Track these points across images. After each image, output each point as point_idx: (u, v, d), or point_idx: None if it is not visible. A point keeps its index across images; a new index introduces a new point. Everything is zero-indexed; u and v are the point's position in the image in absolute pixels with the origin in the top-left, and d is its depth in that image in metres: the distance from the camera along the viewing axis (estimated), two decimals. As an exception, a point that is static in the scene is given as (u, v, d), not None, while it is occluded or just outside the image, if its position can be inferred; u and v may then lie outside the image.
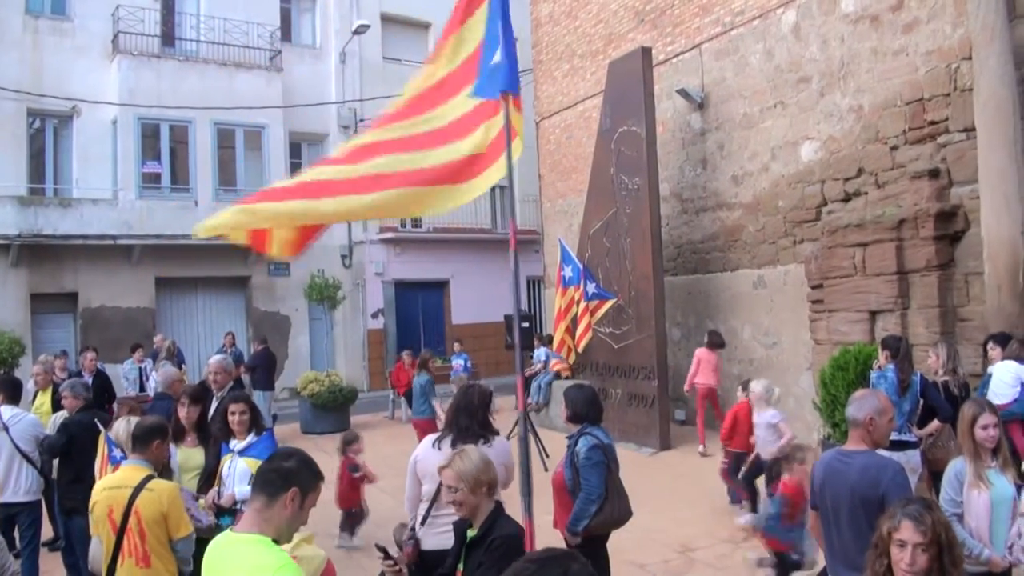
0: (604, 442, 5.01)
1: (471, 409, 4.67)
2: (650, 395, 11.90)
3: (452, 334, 22.38)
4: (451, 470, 3.57)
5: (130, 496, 4.15)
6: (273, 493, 2.81)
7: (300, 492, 2.84)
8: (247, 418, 5.23)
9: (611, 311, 12.41)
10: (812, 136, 11.09)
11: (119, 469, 4.43)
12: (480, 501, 3.57)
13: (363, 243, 22.13)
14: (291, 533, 2.87)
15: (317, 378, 15.09)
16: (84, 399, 6.61)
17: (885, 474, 3.63)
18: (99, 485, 4.32)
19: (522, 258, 24.09)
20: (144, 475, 4.27)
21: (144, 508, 4.14)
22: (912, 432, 6.54)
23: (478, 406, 4.68)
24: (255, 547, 2.71)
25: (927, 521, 2.90)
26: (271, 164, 19.86)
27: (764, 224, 12.00)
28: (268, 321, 20.50)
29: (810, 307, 10.54)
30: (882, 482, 3.61)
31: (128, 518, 4.12)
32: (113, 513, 4.15)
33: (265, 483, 2.84)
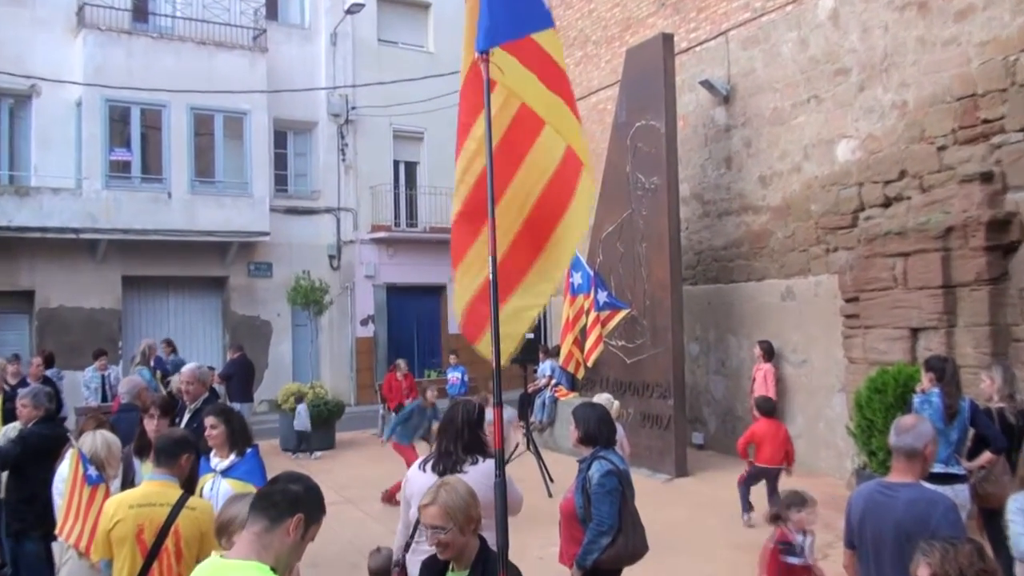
0: (620, 468, 4.96)
1: (454, 430, 4.63)
2: (665, 415, 11.83)
3: (449, 344, 22.31)
4: (436, 507, 3.48)
5: (169, 514, 4.22)
6: (277, 517, 2.78)
7: (305, 520, 2.82)
8: (221, 432, 5.15)
9: (624, 322, 12.35)
10: (849, 134, 11.04)
11: (144, 485, 4.46)
12: (468, 540, 3.51)
13: (353, 243, 22.11)
14: (290, 565, 2.83)
15: (300, 390, 15.02)
16: (45, 410, 6.53)
17: (935, 510, 3.57)
18: (120, 502, 4.32)
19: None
20: (179, 492, 4.35)
21: (185, 528, 4.20)
22: (960, 464, 6.44)
23: (462, 426, 4.63)
24: (252, 575, 2.66)
25: (935, 556, 2.91)
26: (253, 154, 19.84)
27: (794, 230, 11.94)
28: (246, 327, 20.46)
29: (844, 322, 10.47)
30: (932, 519, 3.54)
31: (165, 538, 4.18)
32: (144, 533, 4.18)
33: (269, 505, 2.82)
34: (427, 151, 23.25)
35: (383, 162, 22.57)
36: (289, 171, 21.95)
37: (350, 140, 22.16)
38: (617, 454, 5.09)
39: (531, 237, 4.29)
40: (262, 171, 19.99)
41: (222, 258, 20.14)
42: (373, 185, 22.19)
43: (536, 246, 4.30)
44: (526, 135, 4.34)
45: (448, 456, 4.56)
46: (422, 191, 22.98)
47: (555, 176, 4.33)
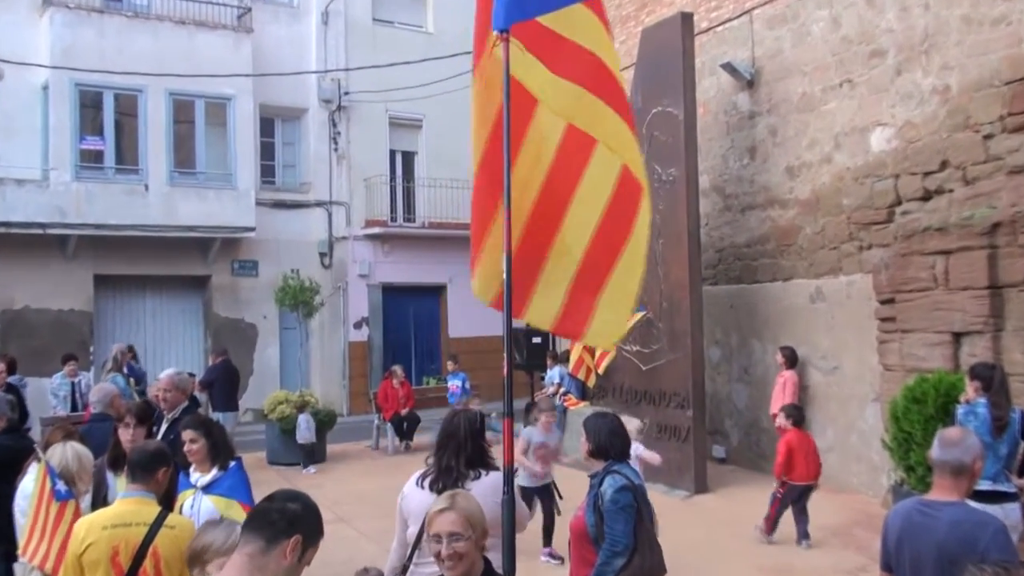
0: (635, 483, 4.95)
1: (457, 443, 4.59)
2: (684, 427, 11.80)
3: (449, 349, 22.29)
4: (454, 512, 3.40)
5: (147, 534, 4.19)
6: (272, 538, 2.79)
7: (303, 542, 2.83)
8: (202, 446, 5.13)
9: (639, 326, 12.31)
10: (885, 121, 10.99)
11: (118, 503, 4.44)
12: (477, 558, 3.45)
13: (346, 239, 22.10)
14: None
15: (288, 398, 15.01)
16: (8, 420, 6.50)
17: (984, 532, 3.52)
18: (91, 523, 4.29)
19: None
20: (156, 510, 4.33)
21: (165, 548, 4.18)
22: (1010, 481, 6.38)
23: (465, 438, 4.60)
24: None
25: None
26: (237, 143, 19.84)
27: (824, 226, 11.90)
28: (230, 330, 20.46)
29: (879, 326, 10.43)
30: (980, 542, 3.50)
31: (143, 560, 4.16)
32: (119, 555, 4.15)
33: (265, 524, 2.82)
34: (426, 140, 23.23)
35: (378, 152, 22.55)
36: (276, 162, 21.94)
37: (342, 128, 22.15)
38: (632, 468, 5.08)
39: (591, 273, 4.49)
40: (247, 161, 19.98)
41: (204, 255, 20.14)
42: (367, 177, 22.18)
43: (594, 285, 4.49)
44: (570, 151, 4.50)
45: (449, 473, 4.51)
46: (420, 183, 22.97)
47: (612, 203, 4.49)
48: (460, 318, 23.30)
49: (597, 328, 4.53)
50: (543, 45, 4.42)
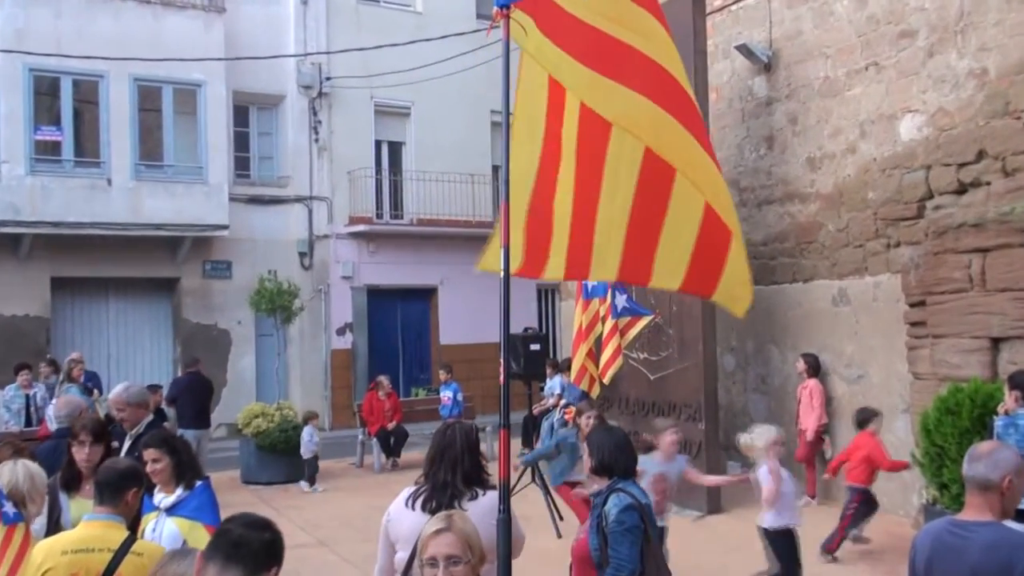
0: (641, 502, 4.95)
1: (453, 457, 4.57)
2: (696, 441, 11.79)
3: (440, 357, 22.28)
4: (452, 534, 3.37)
5: (111, 562, 4.16)
6: (256, 570, 2.82)
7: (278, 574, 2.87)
8: (164, 467, 5.11)
9: (647, 332, 12.29)
10: (916, 108, 10.99)
11: (83, 526, 4.41)
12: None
13: (327, 238, 22.08)
14: None
15: (264, 412, 14.99)
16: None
17: (1022, 556, 3.50)
18: (50, 548, 4.28)
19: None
20: (123, 535, 4.31)
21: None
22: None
23: (462, 452, 4.59)
24: None
25: None
26: (209, 133, 19.82)
27: (848, 222, 11.90)
28: (201, 337, 20.43)
29: (908, 331, 10.42)
30: (1017, 567, 3.48)
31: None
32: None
33: (248, 555, 2.83)
34: (415, 129, 23.23)
35: (363, 142, 22.54)
36: (252, 153, 21.93)
37: (324, 117, 22.14)
38: (638, 486, 5.08)
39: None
40: (219, 153, 19.96)
41: (172, 256, 20.11)
42: (351, 170, 22.17)
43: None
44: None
45: (445, 489, 4.48)
46: (409, 176, 22.96)
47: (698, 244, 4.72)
48: (452, 324, 23.29)
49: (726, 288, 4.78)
50: (571, 36, 4.48)
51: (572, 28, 4.49)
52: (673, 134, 4.57)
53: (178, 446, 5.24)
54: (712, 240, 4.64)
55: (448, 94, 22.78)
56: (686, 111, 4.64)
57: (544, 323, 24.63)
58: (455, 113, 23.34)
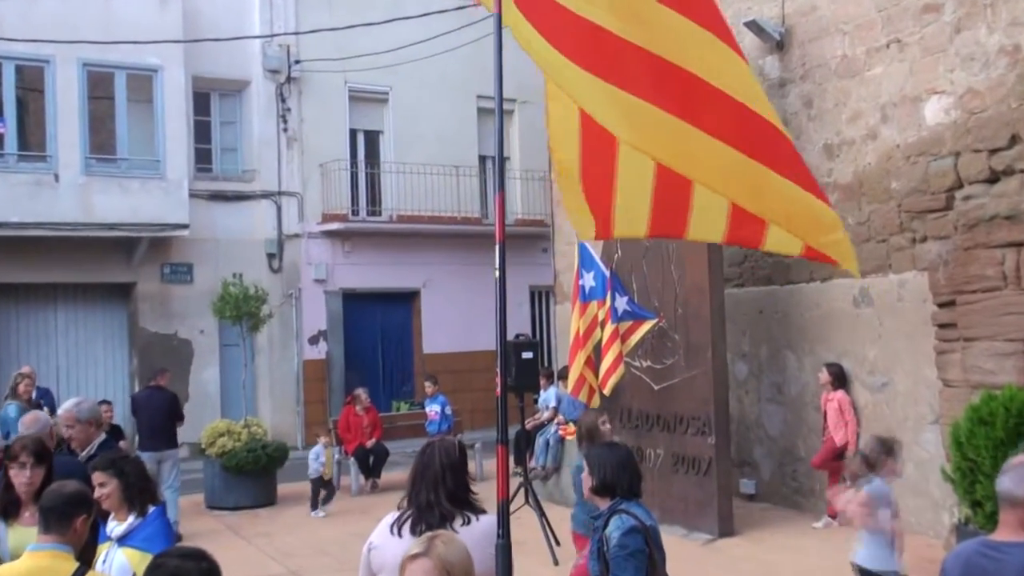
0: (646, 524, 4.97)
1: (432, 476, 4.57)
2: (705, 457, 11.78)
3: (423, 367, 22.27)
4: (429, 560, 3.35)
5: None
6: None
7: None
8: (112, 491, 5.10)
9: (650, 337, 12.30)
10: (942, 89, 11.00)
11: (27, 557, 4.41)
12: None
13: (298, 237, 22.08)
14: None
15: (231, 429, 14.97)
16: None
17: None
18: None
19: (524, 259, 24.21)
20: (73, 567, 4.31)
21: None
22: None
23: (442, 470, 4.59)
24: None
25: None
26: (167, 123, 19.80)
27: (870, 215, 11.91)
28: (160, 347, 20.40)
29: (937, 333, 10.42)
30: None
31: None
32: None
33: None
34: (393, 117, 23.24)
35: (336, 132, 22.55)
36: (214, 145, 21.91)
37: (293, 104, 22.14)
38: (643, 507, 5.09)
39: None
40: (178, 145, 19.94)
41: (127, 259, 20.07)
42: (324, 162, 22.17)
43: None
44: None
45: (431, 510, 4.49)
46: (387, 169, 22.97)
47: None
48: (436, 331, 23.30)
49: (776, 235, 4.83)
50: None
51: (559, 18, 4.54)
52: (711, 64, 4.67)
53: (127, 469, 5.21)
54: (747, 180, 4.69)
55: (430, 78, 22.80)
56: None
57: (538, 328, 24.65)
58: (438, 99, 23.36)
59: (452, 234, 23.13)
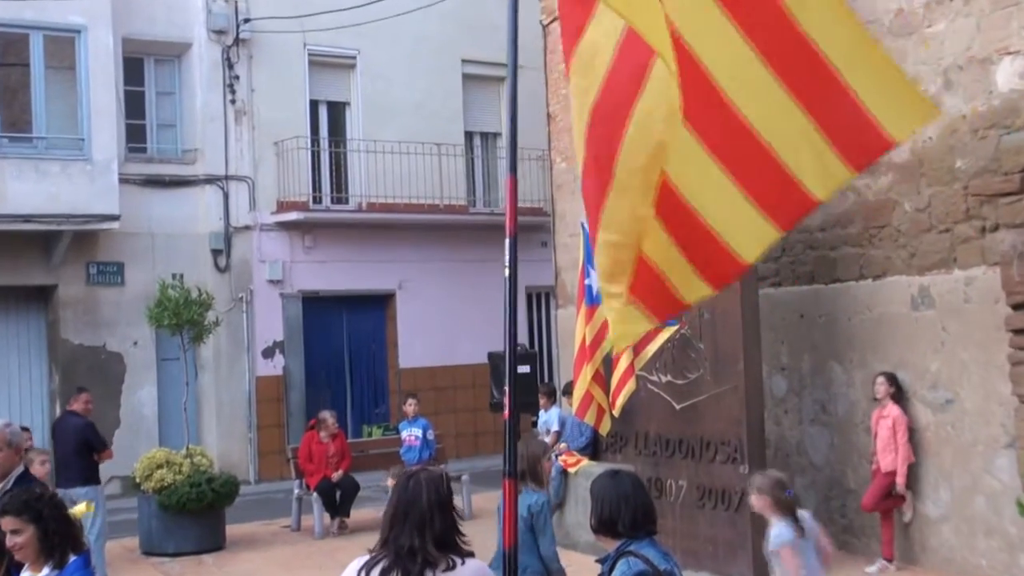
0: (659, 568, 4.96)
1: (419, 516, 4.52)
2: (736, 489, 11.78)
3: (400, 385, 22.27)
4: None
5: None
6: None
7: None
8: (29, 538, 5.09)
9: (670, 347, 12.31)
10: (1016, 49, 11.01)
11: None
12: None
13: (249, 229, 22.04)
14: None
15: (170, 460, 14.95)
16: None
17: None
18: None
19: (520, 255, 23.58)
20: None
21: None
22: None
23: (432, 510, 4.54)
24: None
25: None
26: (92, 93, 19.75)
27: (930, 199, 11.92)
28: (86, 362, 20.36)
29: (1011, 340, 10.43)
30: None
31: None
32: None
33: None
34: (361, 86, 23.23)
35: (294, 104, 22.52)
36: (148, 121, 21.89)
37: (242, 71, 22.11)
38: (655, 547, 5.09)
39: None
40: (106, 121, 19.90)
41: (46, 257, 20.04)
42: (279, 140, 22.14)
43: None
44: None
45: (413, 557, 4.42)
46: (355, 148, 22.95)
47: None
48: (414, 341, 23.28)
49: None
50: None
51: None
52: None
53: (45, 512, 5.19)
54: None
55: (404, 39, 22.82)
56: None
57: (536, 337, 24.65)
58: (415, 64, 23.37)
59: (433, 225, 23.11)
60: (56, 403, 19.84)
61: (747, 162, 4.53)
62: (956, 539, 11.27)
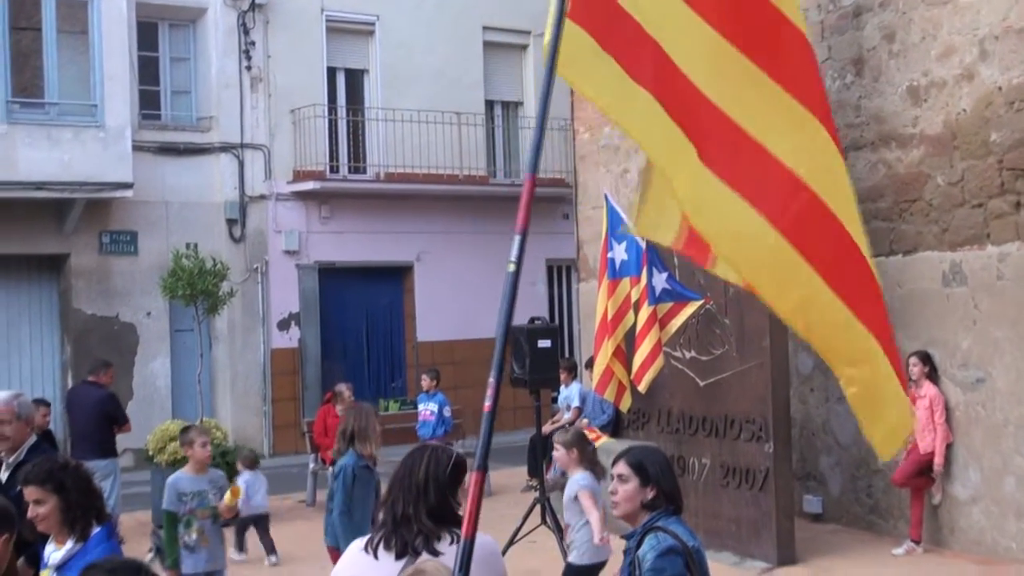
0: (688, 544, 4.97)
1: (416, 486, 4.55)
2: (761, 468, 11.79)
3: (417, 358, 22.29)
4: None
5: None
6: None
7: None
8: (49, 510, 5.11)
9: (695, 322, 12.30)
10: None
11: None
12: None
13: (264, 199, 22.05)
14: None
15: (187, 432, 14.99)
16: None
17: None
18: None
19: (541, 227, 23.88)
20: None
21: None
22: None
23: (427, 482, 4.57)
24: None
25: None
26: (105, 58, 19.74)
27: (963, 173, 11.87)
28: (99, 333, 20.42)
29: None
30: None
31: None
32: None
33: None
34: (380, 52, 23.17)
35: (311, 71, 22.50)
36: (163, 87, 21.89)
37: (258, 37, 22.08)
38: (683, 524, 5.10)
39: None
40: (119, 87, 19.90)
41: (58, 225, 20.09)
42: (296, 107, 22.13)
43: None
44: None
45: (408, 525, 4.48)
46: (373, 116, 22.92)
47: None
48: (432, 313, 23.30)
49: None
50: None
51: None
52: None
53: (68, 482, 5.20)
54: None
55: (424, 5, 22.79)
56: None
57: (557, 311, 24.65)
58: (435, 31, 23.32)
59: (452, 196, 23.09)
60: (68, 374, 19.93)
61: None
62: (986, 521, 11.25)
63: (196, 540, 8.36)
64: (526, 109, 24.55)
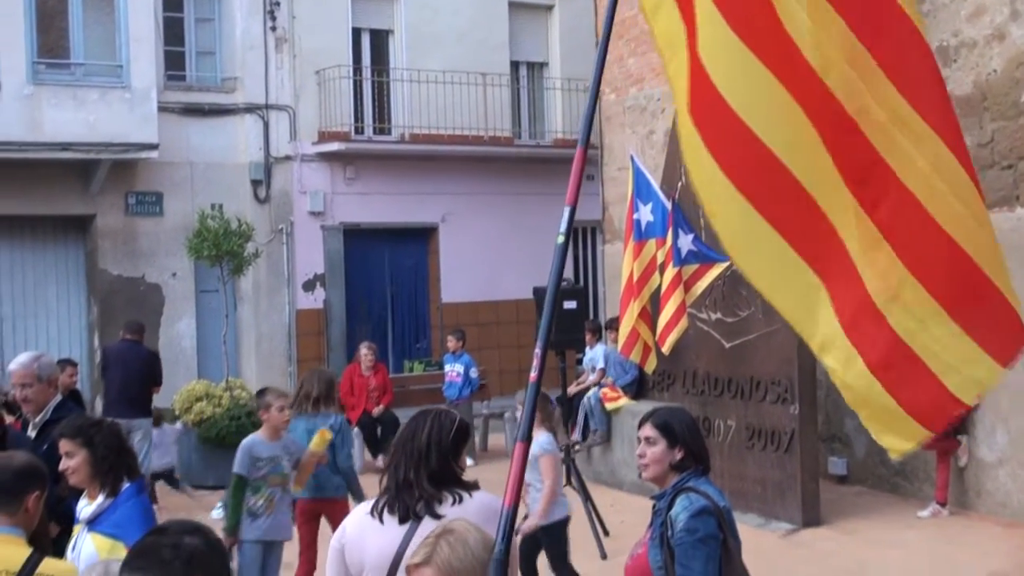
0: (720, 504, 4.99)
1: (418, 451, 4.59)
2: (786, 430, 11.81)
3: (442, 319, 22.32)
4: (431, 569, 3.33)
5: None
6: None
7: None
8: (82, 462, 5.15)
9: (721, 283, 12.30)
10: (1085, -23, 10.87)
11: None
12: None
13: (290, 160, 22.04)
14: None
15: (209, 393, 15.07)
16: None
17: None
18: None
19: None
20: (25, 553, 4.36)
21: None
22: None
23: (429, 447, 4.60)
24: None
25: None
26: (130, 19, 19.73)
27: (993, 134, 11.81)
28: (125, 293, 20.49)
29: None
30: None
31: None
32: None
33: (155, 564, 2.85)
34: (405, 13, 23.09)
35: (336, 32, 22.44)
36: (188, 48, 21.85)
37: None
38: (714, 485, 5.13)
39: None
40: (145, 48, 19.90)
41: (84, 186, 20.14)
42: (321, 68, 22.10)
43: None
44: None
45: (410, 490, 4.52)
46: (398, 77, 22.88)
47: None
48: (457, 275, 23.29)
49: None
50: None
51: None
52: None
53: (96, 436, 5.23)
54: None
55: None
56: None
57: (582, 273, 24.62)
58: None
59: (477, 157, 23.03)
60: (95, 334, 20.03)
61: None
62: (1012, 483, 11.25)
63: (262, 507, 8.31)
64: (551, 70, 24.45)
